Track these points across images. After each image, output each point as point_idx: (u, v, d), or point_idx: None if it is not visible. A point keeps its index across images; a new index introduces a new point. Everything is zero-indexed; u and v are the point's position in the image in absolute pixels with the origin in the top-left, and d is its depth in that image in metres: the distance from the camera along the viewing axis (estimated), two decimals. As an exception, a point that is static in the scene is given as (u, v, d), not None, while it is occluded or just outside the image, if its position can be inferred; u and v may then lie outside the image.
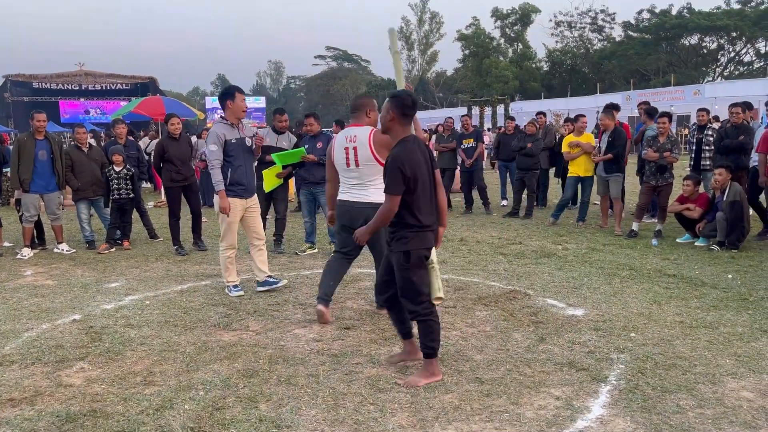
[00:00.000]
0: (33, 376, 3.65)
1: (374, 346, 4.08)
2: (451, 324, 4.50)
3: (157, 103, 14.42)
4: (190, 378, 3.58)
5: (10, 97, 41.28)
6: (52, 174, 7.35)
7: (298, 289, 5.56)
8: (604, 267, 6.23)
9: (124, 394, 3.37)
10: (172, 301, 5.24)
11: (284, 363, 3.80)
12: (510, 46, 62.83)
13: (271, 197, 7.26)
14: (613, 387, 3.40)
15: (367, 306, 4.99)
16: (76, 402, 3.28)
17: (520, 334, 4.26)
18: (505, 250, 7.21)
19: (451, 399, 3.27)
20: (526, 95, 54.86)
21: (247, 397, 3.31)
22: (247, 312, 4.88)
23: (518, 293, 5.29)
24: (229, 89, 5.41)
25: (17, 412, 3.18)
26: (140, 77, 45.31)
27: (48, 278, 6.18)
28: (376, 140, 4.34)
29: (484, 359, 3.81)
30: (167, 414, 3.13)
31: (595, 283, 5.60)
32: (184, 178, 7.37)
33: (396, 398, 3.29)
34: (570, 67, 60.42)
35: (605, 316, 4.62)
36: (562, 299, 5.11)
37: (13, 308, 5.08)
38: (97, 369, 3.75)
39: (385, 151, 4.15)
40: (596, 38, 59.21)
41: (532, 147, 9.55)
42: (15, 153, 7.32)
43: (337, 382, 3.49)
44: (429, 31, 72.15)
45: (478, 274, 6.06)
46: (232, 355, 3.93)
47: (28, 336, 4.39)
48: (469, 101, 35.34)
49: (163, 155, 7.29)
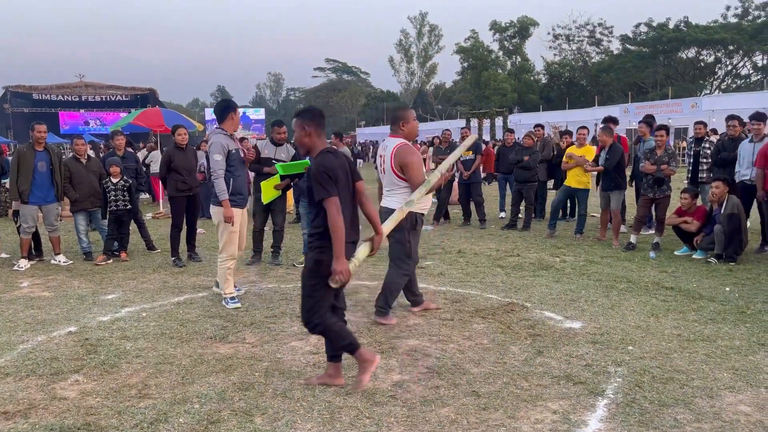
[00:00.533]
0: (27, 389, 3.63)
1: (371, 358, 4.06)
2: (449, 337, 4.48)
3: (156, 114, 14.45)
4: (185, 391, 3.57)
5: (10, 108, 41.44)
6: (50, 185, 7.35)
7: (294, 302, 5.53)
8: (601, 279, 6.22)
9: (118, 407, 3.35)
10: (168, 313, 5.22)
11: (280, 376, 3.78)
12: (508, 59, 63.14)
13: (269, 209, 7.26)
14: (611, 401, 3.38)
15: (364, 318, 4.97)
16: (71, 415, 3.26)
17: (518, 347, 4.25)
18: (503, 262, 7.21)
19: (448, 412, 3.26)
20: (525, 108, 55.05)
21: (243, 411, 3.30)
22: (244, 324, 4.87)
23: (516, 306, 5.28)
24: (231, 102, 5.67)
25: (11, 426, 3.16)
26: (140, 89, 45.53)
27: (44, 290, 6.16)
28: (397, 154, 4.69)
29: (481, 372, 3.80)
30: (161, 427, 3.12)
31: (592, 296, 5.59)
32: (189, 188, 7.40)
33: (392, 412, 3.27)
34: (568, 79, 60.71)
35: (603, 329, 4.61)
36: (560, 312, 5.10)
37: (8, 320, 5.06)
38: (92, 382, 3.73)
39: (401, 166, 4.64)
40: (594, 51, 59.55)
41: (529, 160, 9.58)
42: (14, 164, 7.32)
43: (333, 396, 3.48)
44: (428, 44, 72.55)
45: (475, 286, 6.05)
46: (228, 368, 3.91)
47: (23, 348, 4.37)
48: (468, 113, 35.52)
49: (169, 165, 7.33)
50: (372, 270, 6.63)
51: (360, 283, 6.18)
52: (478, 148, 10.51)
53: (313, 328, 3.54)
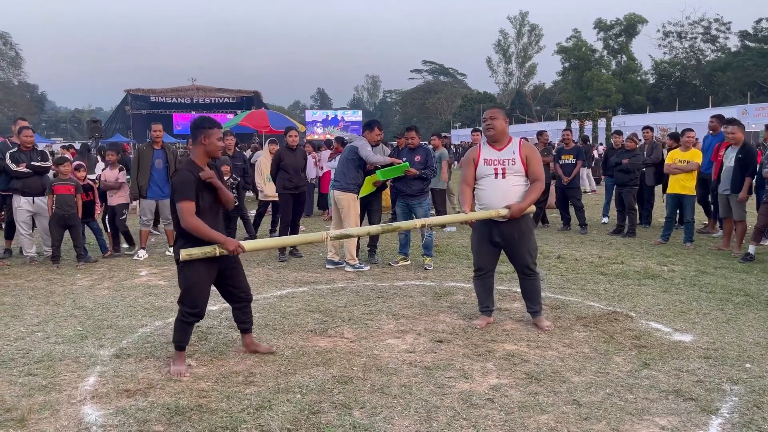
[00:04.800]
0: (146, 370, 3.92)
1: (467, 360, 4.05)
2: (547, 343, 4.38)
3: (262, 116, 15.12)
4: (287, 381, 3.71)
5: (130, 110, 44.75)
6: (166, 181, 7.87)
7: (391, 300, 5.61)
8: (715, 291, 5.83)
9: (227, 392, 3.54)
10: (271, 305, 5.45)
11: (377, 372, 3.85)
12: (613, 58, 60.54)
13: (367, 208, 7.39)
14: (725, 420, 3.17)
15: (459, 320, 4.95)
16: (184, 396, 3.49)
17: (622, 358, 4.07)
18: (605, 269, 6.93)
19: (547, 420, 3.18)
20: (630, 109, 52.53)
21: (342, 403, 3.38)
22: (342, 320, 4.99)
23: (620, 315, 5.06)
24: (372, 121, 7.63)
25: (132, 402, 3.42)
26: (245, 91, 47.71)
27: (160, 279, 6.61)
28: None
29: (583, 381, 3.68)
30: (266, 414, 3.26)
31: (705, 308, 5.25)
32: (296, 186, 7.73)
33: (489, 415, 3.24)
34: (679, 79, 57.30)
35: (716, 344, 4.32)
36: (668, 323, 4.84)
37: (129, 305, 5.49)
38: (203, 366, 3.97)
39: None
40: (709, 49, 55.86)
41: (628, 163, 9.18)
42: (135, 161, 7.92)
43: (430, 395, 3.49)
44: (528, 44, 70.99)
45: (576, 293, 5.86)
46: (327, 361, 4.03)
47: (142, 332, 4.72)
48: (569, 115, 34.33)
49: (279, 164, 7.69)
50: (467, 272, 6.58)
51: (455, 285, 6.16)
52: (579, 152, 10.16)
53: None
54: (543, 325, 4.73)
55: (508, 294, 5.81)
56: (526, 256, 4.68)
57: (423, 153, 7.23)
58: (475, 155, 4.71)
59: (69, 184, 7.29)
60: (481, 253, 4.79)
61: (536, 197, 4.62)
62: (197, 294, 3.83)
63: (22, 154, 7.43)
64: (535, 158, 4.61)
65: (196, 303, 3.84)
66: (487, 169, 4.62)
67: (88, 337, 4.59)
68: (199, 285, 3.82)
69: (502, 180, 4.56)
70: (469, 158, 4.76)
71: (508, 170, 4.57)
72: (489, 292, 4.87)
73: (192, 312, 3.85)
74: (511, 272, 6.59)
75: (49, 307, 5.47)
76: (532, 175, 4.59)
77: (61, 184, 7.23)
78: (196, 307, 3.85)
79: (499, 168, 4.58)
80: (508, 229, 4.59)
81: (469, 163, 4.74)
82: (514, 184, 4.56)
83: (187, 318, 3.86)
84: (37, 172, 7.43)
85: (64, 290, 6.10)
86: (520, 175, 4.59)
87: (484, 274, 4.81)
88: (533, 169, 4.58)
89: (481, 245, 4.78)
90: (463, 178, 4.77)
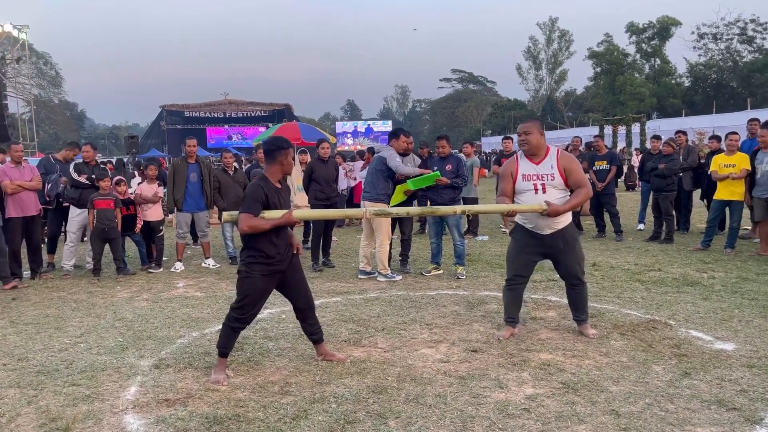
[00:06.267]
0: (185, 380, 3.99)
1: (502, 370, 4.02)
2: (584, 352, 4.32)
3: (294, 128, 15.31)
4: (323, 390, 3.74)
5: (165, 125, 45.82)
6: (201, 195, 8.05)
7: (423, 309, 5.61)
8: (758, 299, 5.67)
9: (263, 402, 3.59)
10: (305, 316, 5.49)
11: (412, 382, 3.85)
12: (646, 62, 59.52)
13: (398, 218, 7.42)
14: (771, 431, 3.08)
15: (493, 329, 4.92)
16: (222, 406, 3.55)
17: (661, 367, 3.99)
18: (642, 276, 6.80)
19: (585, 430, 3.14)
20: (665, 113, 51.52)
21: (377, 413, 3.39)
22: (376, 330, 5.01)
23: (658, 323, 4.96)
24: (398, 129, 7.57)
25: (171, 412, 3.49)
26: (277, 104, 48.44)
27: (197, 290, 6.74)
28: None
29: (621, 391, 3.62)
30: (302, 423, 3.29)
31: (747, 316, 5.11)
32: (327, 197, 7.84)
33: (526, 425, 3.21)
34: (715, 81, 55.95)
35: (760, 353, 4.21)
36: (709, 332, 4.72)
37: (168, 317, 5.60)
38: (240, 376, 4.03)
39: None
40: (746, 50, 54.40)
41: (663, 168, 9.02)
42: (171, 175, 8.10)
43: (465, 405, 3.48)
44: (558, 50, 70.38)
45: (612, 301, 5.77)
46: (362, 371, 4.05)
47: (180, 342, 4.82)
48: (601, 120, 33.86)
49: (311, 176, 7.80)
50: (500, 281, 6.53)
51: (489, 294, 6.13)
52: (613, 158, 10.03)
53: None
54: (589, 332, 4.68)
55: (543, 303, 5.75)
56: (574, 265, 4.62)
57: (454, 162, 7.23)
58: (512, 169, 4.63)
59: (109, 199, 7.49)
60: (517, 263, 4.74)
61: (579, 202, 4.54)
62: (249, 303, 4.00)
63: (86, 167, 7.79)
64: (575, 168, 4.52)
65: (246, 312, 4.01)
66: (526, 185, 4.55)
67: (129, 347, 4.70)
68: (254, 296, 4.00)
69: (542, 195, 4.49)
70: (506, 172, 4.68)
71: (547, 185, 4.49)
72: (518, 303, 4.81)
73: (240, 318, 4.00)
74: (545, 281, 6.55)
75: (90, 318, 5.62)
76: (575, 184, 4.50)
77: (101, 199, 7.43)
78: (245, 315, 4.01)
79: (538, 183, 4.51)
80: (552, 239, 4.55)
81: (507, 177, 4.67)
82: (554, 198, 4.47)
83: (234, 323, 4.00)
84: (94, 186, 7.72)
85: (105, 302, 6.26)
86: (561, 188, 4.51)
87: (516, 285, 4.77)
88: (575, 179, 4.50)
89: (518, 255, 4.72)
90: (501, 191, 4.73)
